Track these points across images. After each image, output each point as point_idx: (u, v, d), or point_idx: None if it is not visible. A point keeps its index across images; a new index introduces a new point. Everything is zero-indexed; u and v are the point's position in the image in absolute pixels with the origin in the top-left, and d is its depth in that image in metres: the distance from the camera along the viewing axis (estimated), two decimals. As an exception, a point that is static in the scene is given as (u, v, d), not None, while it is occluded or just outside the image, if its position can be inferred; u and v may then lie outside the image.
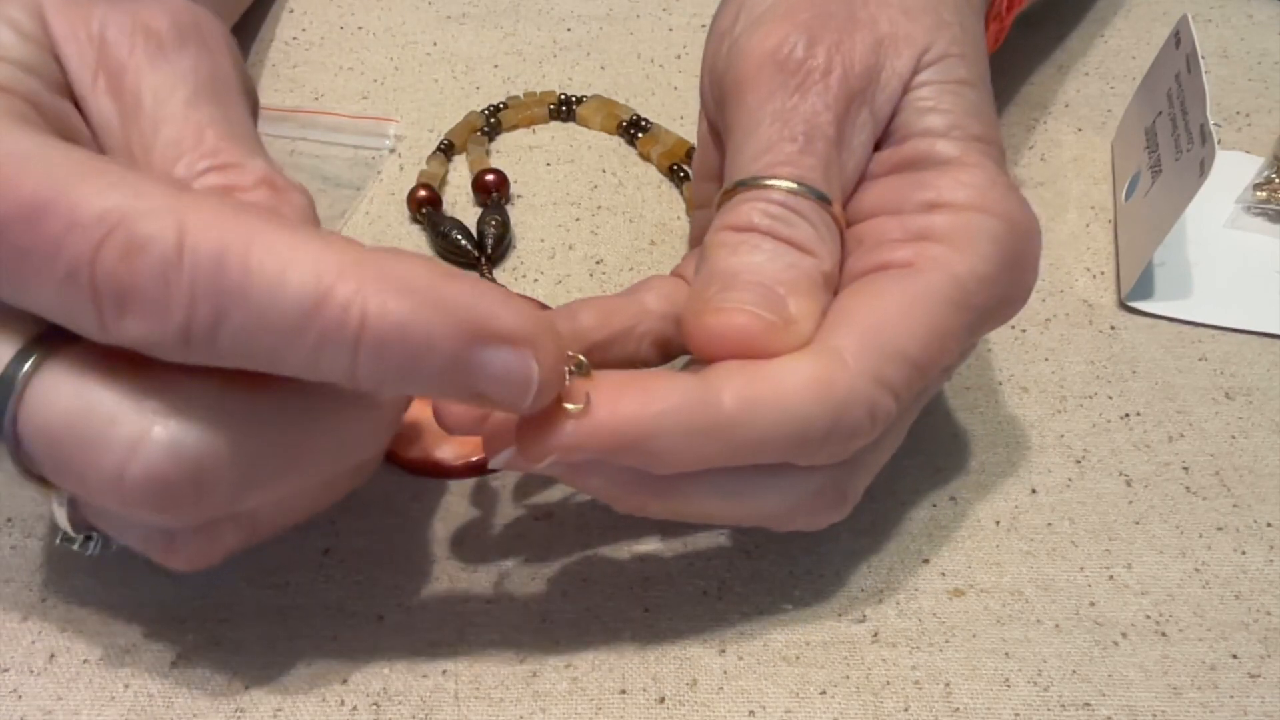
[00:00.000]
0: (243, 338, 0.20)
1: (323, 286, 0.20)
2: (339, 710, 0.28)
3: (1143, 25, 0.50)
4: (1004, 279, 0.27)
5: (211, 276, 0.20)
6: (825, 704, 0.29)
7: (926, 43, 0.29)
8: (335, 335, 0.20)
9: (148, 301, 0.20)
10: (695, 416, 0.24)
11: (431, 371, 0.21)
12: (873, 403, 0.25)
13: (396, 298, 0.20)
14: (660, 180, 0.43)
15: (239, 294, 0.20)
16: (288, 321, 0.20)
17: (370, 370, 0.21)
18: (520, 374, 0.21)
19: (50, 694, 0.28)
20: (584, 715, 0.28)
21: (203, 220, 0.20)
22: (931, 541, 0.32)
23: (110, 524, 0.25)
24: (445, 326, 0.20)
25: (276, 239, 0.20)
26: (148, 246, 0.20)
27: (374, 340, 0.20)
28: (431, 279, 0.21)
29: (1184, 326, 0.38)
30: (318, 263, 0.20)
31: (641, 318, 0.30)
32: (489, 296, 0.21)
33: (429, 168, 0.42)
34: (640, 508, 0.26)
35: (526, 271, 0.39)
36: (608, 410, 0.23)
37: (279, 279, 0.20)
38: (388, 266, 0.20)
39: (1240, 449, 0.35)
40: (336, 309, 0.20)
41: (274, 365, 0.21)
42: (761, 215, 0.27)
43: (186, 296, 0.20)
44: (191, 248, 0.20)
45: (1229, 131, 0.45)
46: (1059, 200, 0.42)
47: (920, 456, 0.34)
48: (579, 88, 0.46)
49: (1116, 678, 0.29)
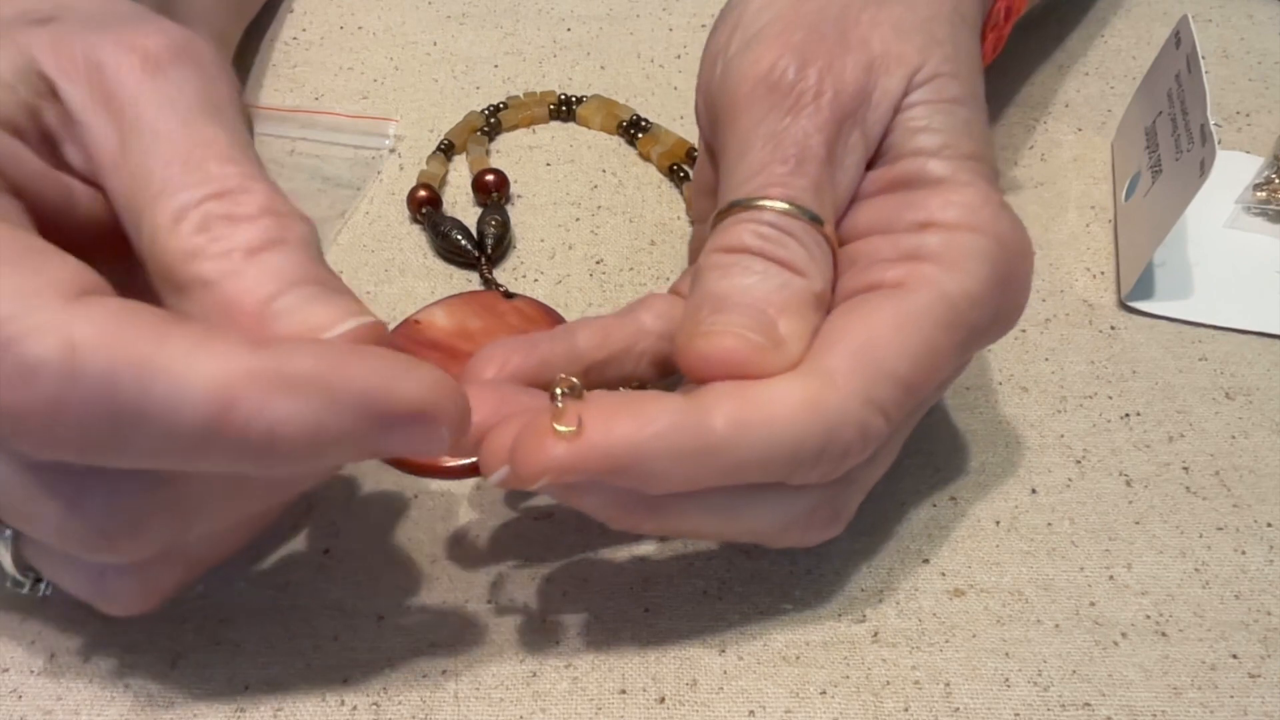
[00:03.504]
0: (147, 453, 0.20)
1: (221, 405, 0.20)
2: (339, 710, 0.28)
3: (1143, 25, 0.50)
4: (995, 298, 0.27)
5: (105, 400, 0.19)
6: (825, 704, 0.29)
7: (918, 62, 0.29)
8: (240, 448, 0.20)
9: (42, 425, 0.20)
10: (686, 439, 0.24)
11: (342, 453, 0.22)
12: (863, 423, 0.25)
13: (295, 403, 0.20)
14: (660, 180, 0.43)
15: (136, 417, 0.20)
16: (190, 440, 0.20)
17: (281, 465, 0.21)
18: (429, 438, 0.22)
19: (50, 694, 0.28)
20: (584, 715, 0.28)
21: (93, 337, 0.20)
22: (931, 541, 0.32)
23: (49, 565, 0.25)
24: (347, 419, 0.21)
25: (171, 354, 0.20)
26: (39, 372, 0.19)
27: (280, 448, 0.20)
28: (327, 371, 0.21)
29: (1184, 326, 0.38)
30: (213, 378, 0.20)
31: (639, 337, 0.30)
32: (387, 373, 0.21)
33: (429, 168, 0.42)
34: (635, 526, 0.26)
35: (526, 271, 0.39)
36: (600, 433, 0.23)
37: (175, 401, 0.20)
38: (285, 366, 0.20)
39: (1240, 449, 0.35)
40: (238, 426, 0.20)
41: (187, 468, 0.21)
42: (753, 236, 0.27)
43: (80, 421, 0.20)
44: (82, 372, 0.19)
45: (1229, 131, 0.45)
46: (1059, 200, 0.42)
47: (920, 456, 0.34)
48: (579, 88, 0.46)
49: (1116, 678, 0.29)
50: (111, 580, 0.24)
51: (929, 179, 0.28)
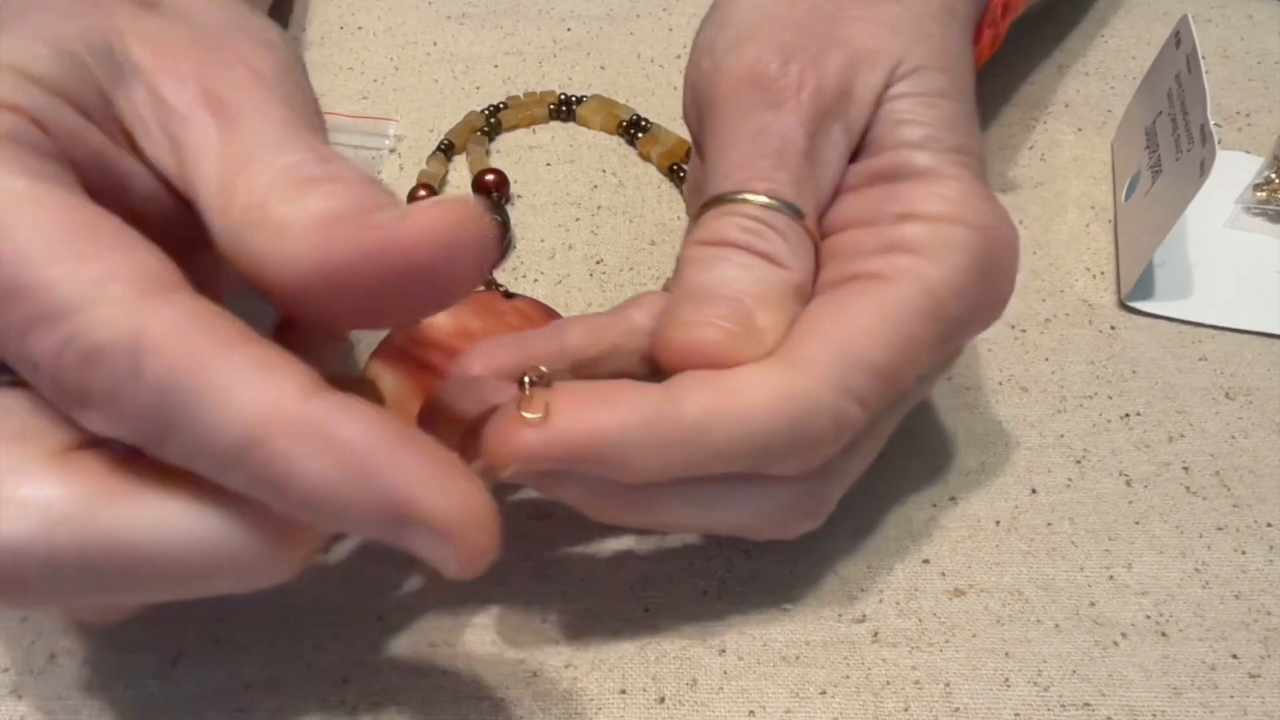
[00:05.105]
0: (185, 455, 0.21)
1: (256, 434, 0.20)
2: (339, 710, 0.28)
3: (1143, 25, 0.50)
4: (977, 289, 0.27)
5: (158, 398, 0.20)
6: (825, 704, 0.29)
7: (900, 56, 0.29)
8: (262, 479, 0.20)
9: (103, 406, 0.20)
10: (657, 426, 0.24)
11: (352, 526, 0.21)
12: (837, 412, 0.25)
13: (324, 463, 0.20)
14: (660, 180, 0.43)
15: (182, 419, 0.20)
16: (223, 455, 0.20)
17: (294, 511, 0.21)
18: (437, 554, 0.21)
19: (50, 694, 0.28)
20: (584, 715, 0.28)
21: (159, 335, 0.20)
22: (931, 541, 0.32)
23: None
24: (367, 502, 0.20)
25: (229, 369, 0.20)
26: (103, 359, 0.20)
27: (296, 494, 0.20)
28: (368, 447, 0.20)
29: (1184, 326, 0.38)
30: (258, 406, 0.20)
31: (630, 335, 0.30)
32: (422, 475, 0.21)
33: (429, 168, 0.42)
34: (615, 517, 0.26)
35: (526, 271, 0.39)
36: (567, 420, 0.23)
37: (220, 415, 0.20)
38: (330, 424, 0.20)
39: (1240, 449, 0.35)
40: (264, 457, 0.20)
41: (215, 478, 0.21)
42: (734, 229, 0.27)
43: (135, 411, 0.20)
44: (144, 367, 0.20)
45: (1229, 131, 0.45)
46: (1059, 200, 0.42)
47: (920, 456, 0.34)
48: (579, 88, 0.46)
49: (1116, 678, 0.29)
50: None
51: (913, 171, 0.28)
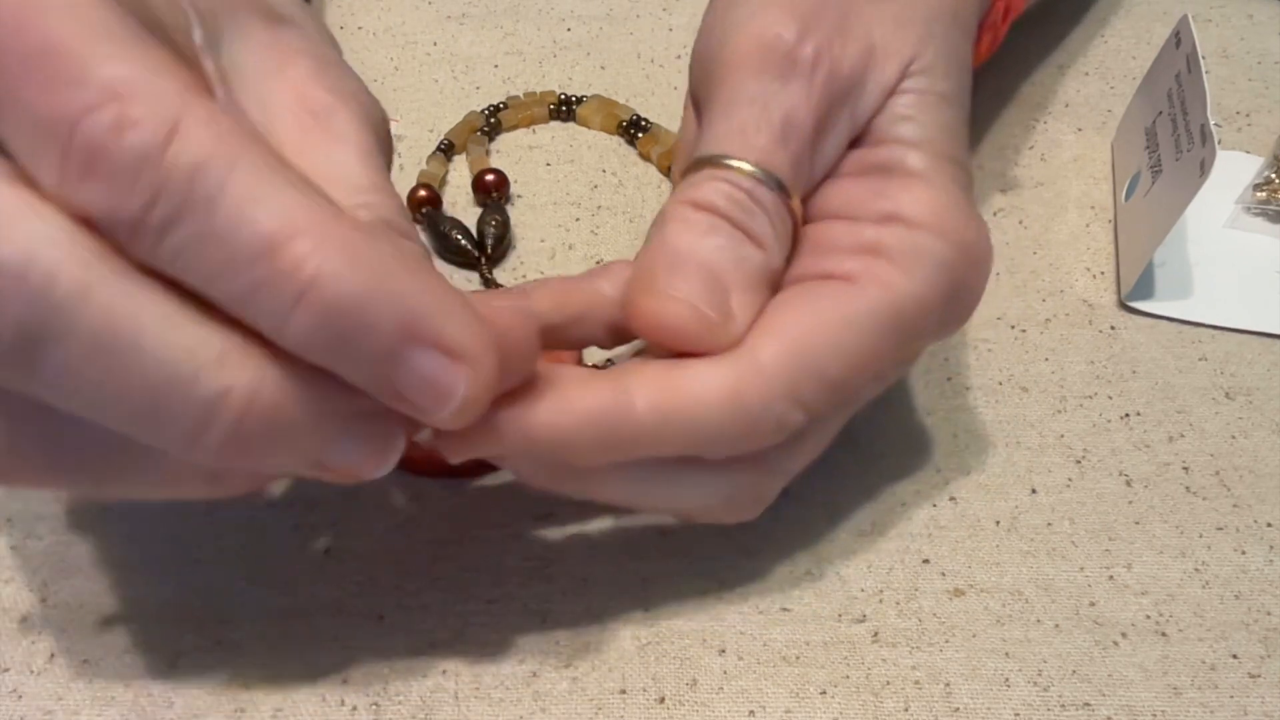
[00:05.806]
0: (189, 249, 0.20)
1: (283, 235, 0.19)
2: (339, 710, 0.28)
3: (1143, 25, 0.50)
4: (944, 305, 0.27)
5: (183, 183, 0.19)
6: (825, 704, 0.29)
7: (913, 54, 0.29)
8: (278, 284, 0.20)
9: (114, 178, 0.19)
10: (605, 425, 0.24)
11: (359, 353, 0.20)
12: (782, 418, 0.25)
13: (350, 270, 0.20)
14: (660, 180, 0.43)
15: (202, 210, 0.19)
16: (238, 253, 0.19)
17: (300, 330, 0.20)
18: (444, 384, 0.21)
19: (50, 694, 0.28)
20: (584, 715, 0.28)
21: (198, 125, 0.19)
22: (931, 541, 0.32)
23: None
24: (387, 313, 0.20)
25: (260, 171, 0.20)
26: (136, 129, 0.19)
27: (313, 302, 0.20)
28: (393, 264, 0.20)
29: (1184, 326, 0.38)
30: (289, 209, 0.19)
31: (596, 304, 0.29)
32: (445, 301, 0.21)
33: (429, 168, 0.42)
34: (556, 490, 0.27)
35: (526, 271, 0.39)
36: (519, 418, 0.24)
37: (245, 210, 0.19)
38: (355, 239, 0.20)
39: (1240, 449, 0.35)
40: (288, 260, 0.19)
41: (207, 286, 0.20)
42: (723, 197, 0.27)
43: (151, 190, 0.19)
44: (176, 149, 0.19)
45: (1229, 131, 0.45)
46: (1059, 200, 0.42)
47: (920, 456, 0.34)
48: (579, 88, 0.46)
49: (1116, 678, 0.29)
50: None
51: (905, 170, 0.28)
